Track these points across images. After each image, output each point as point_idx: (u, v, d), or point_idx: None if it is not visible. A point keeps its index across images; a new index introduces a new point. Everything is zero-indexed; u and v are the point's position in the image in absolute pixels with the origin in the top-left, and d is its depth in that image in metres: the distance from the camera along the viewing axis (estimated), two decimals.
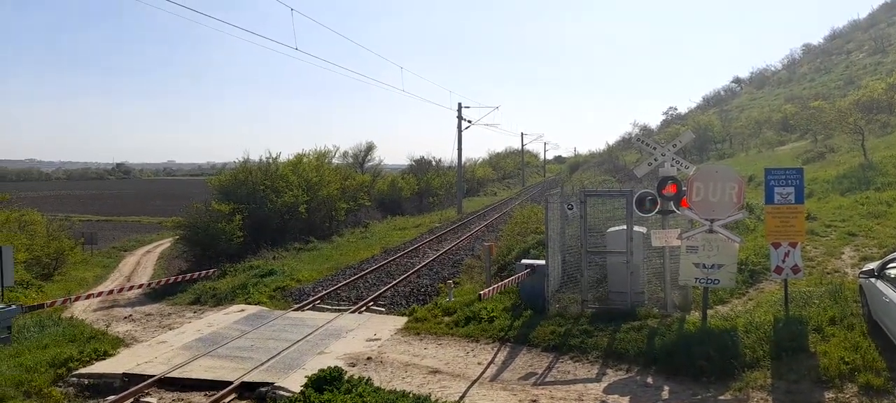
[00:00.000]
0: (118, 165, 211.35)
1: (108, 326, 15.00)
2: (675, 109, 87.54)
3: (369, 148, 57.61)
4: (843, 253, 13.99)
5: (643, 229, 12.78)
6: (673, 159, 12.27)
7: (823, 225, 16.25)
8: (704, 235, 10.31)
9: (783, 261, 10.41)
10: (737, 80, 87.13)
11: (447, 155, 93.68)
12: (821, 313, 10.08)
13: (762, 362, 9.13)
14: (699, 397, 8.65)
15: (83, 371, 10.98)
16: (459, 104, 45.27)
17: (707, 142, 50.59)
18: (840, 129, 29.98)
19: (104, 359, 11.68)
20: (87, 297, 17.83)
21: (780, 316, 10.30)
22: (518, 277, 12.65)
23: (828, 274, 12.61)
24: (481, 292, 11.02)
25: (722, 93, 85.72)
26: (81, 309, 18.69)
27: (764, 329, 9.84)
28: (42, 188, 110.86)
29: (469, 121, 46.06)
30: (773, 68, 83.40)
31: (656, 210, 11.90)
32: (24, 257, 24.08)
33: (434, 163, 62.48)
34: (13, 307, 13.30)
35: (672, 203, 11.72)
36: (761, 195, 12.15)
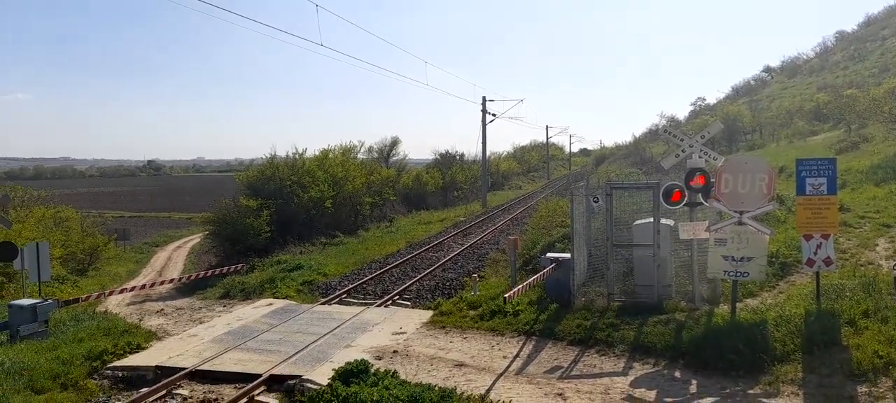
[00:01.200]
0: (149, 162, 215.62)
1: (140, 320, 15.34)
2: (704, 100, 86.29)
3: (394, 142, 57.78)
4: (877, 244, 13.67)
5: (670, 222, 12.63)
6: (701, 150, 12.10)
7: (857, 217, 15.89)
8: (733, 227, 10.15)
9: (815, 253, 10.20)
10: (767, 69, 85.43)
11: (472, 149, 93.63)
12: (854, 306, 9.86)
13: (793, 356, 8.98)
14: (728, 391, 8.54)
15: (117, 363, 11.25)
16: (484, 98, 45.23)
17: (736, 133, 49.72)
18: (874, 118, 29.26)
19: (137, 352, 11.95)
20: (121, 292, 18.29)
21: (811, 309, 10.11)
22: (544, 273, 12.59)
23: (861, 266, 12.34)
24: (506, 295, 10.92)
25: (752, 82, 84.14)
26: (115, 304, 19.15)
27: (795, 322, 9.67)
28: (76, 185, 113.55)
29: (493, 115, 46.00)
30: (804, 56, 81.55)
31: (684, 202, 11.75)
32: (59, 253, 24.74)
33: (458, 157, 62.45)
34: (50, 301, 13.73)
35: (700, 195, 11.57)
36: (792, 186, 11.92)
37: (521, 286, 11.50)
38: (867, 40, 69.91)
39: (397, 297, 16.77)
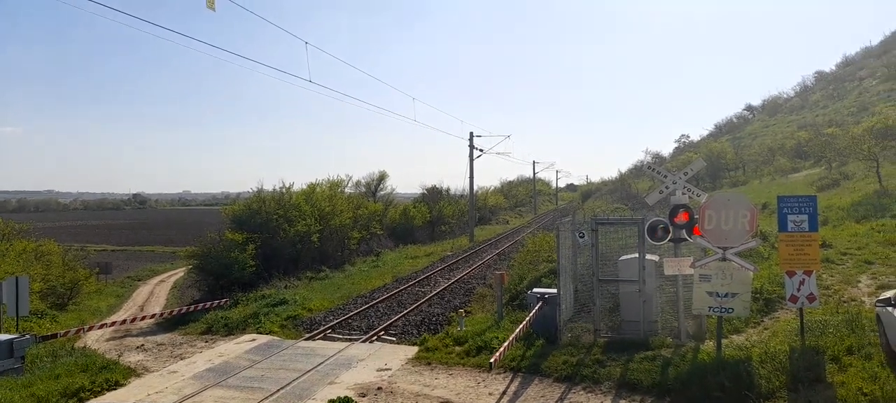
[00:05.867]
0: (134, 195, 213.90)
1: (120, 356, 15.04)
2: (688, 137, 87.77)
3: (381, 177, 57.78)
4: (859, 281, 13.79)
5: (656, 257, 12.69)
6: (685, 187, 12.23)
7: (839, 253, 16.04)
8: (718, 263, 10.21)
9: (798, 290, 10.27)
10: (749, 108, 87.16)
11: (459, 183, 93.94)
12: (838, 342, 9.91)
13: (778, 393, 8.97)
14: None
15: (94, 401, 11.00)
16: (471, 133, 45.52)
17: (720, 170, 50.40)
18: (854, 156, 29.82)
19: (115, 389, 11.70)
20: (101, 327, 17.95)
21: (796, 345, 10.14)
22: (529, 320, 12.43)
23: (844, 302, 12.42)
24: (491, 360, 10.41)
25: (734, 120, 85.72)
26: (94, 339, 18.77)
27: (779, 359, 9.68)
28: (60, 218, 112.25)
29: (481, 150, 46.25)
30: (785, 95, 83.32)
31: (668, 238, 11.82)
32: (39, 287, 24.31)
33: (446, 191, 62.57)
34: (27, 337, 13.44)
35: (684, 231, 11.65)
36: (775, 222, 12.04)
37: (505, 344, 11.21)
38: (845, 80, 71.60)
39: (383, 333, 16.60)
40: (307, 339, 16.04)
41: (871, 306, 11.29)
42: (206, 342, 16.84)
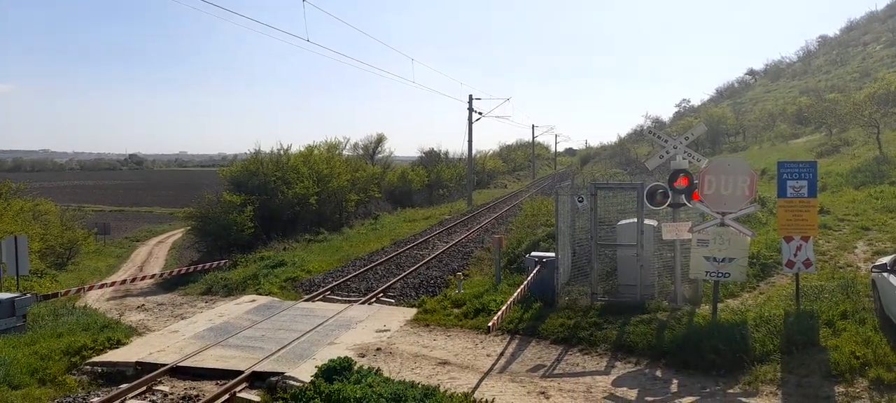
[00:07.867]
0: (131, 156, 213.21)
1: (121, 315, 15.15)
2: (688, 102, 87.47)
3: (379, 139, 57.59)
4: (856, 247, 13.88)
5: (654, 222, 12.73)
6: (685, 152, 12.19)
7: (836, 219, 16.12)
8: (716, 228, 10.25)
9: (795, 255, 10.34)
10: (751, 72, 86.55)
11: (458, 146, 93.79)
12: (832, 307, 10.02)
13: (772, 356, 9.09)
14: (708, 390, 8.62)
15: (97, 359, 11.11)
16: (470, 96, 45.24)
17: (720, 135, 50.27)
18: (855, 123, 29.72)
19: (117, 348, 11.81)
20: (101, 287, 18.09)
21: (791, 310, 10.24)
22: (527, 284, 12.50)
23: (840, 268, 12.52)
24: (489, 324, 10.50)
25: (736, 85, 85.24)
26: (95, 299, 18.90)
27: (774, 323, 9.79)
28: (56, 178, 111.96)
29: (480, 113, 46.00)
30: (788, 60, 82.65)
31: (667, 203, 11.84)
32: (38, 247, 24.39)
33: (444, 154, 62.47)
34: (28, 296, 13.54)
35: (683, 196, 11.66)
36: (774, 188, 12.06)
37: (504, 307, 11.29)
38: (849, 45, 70.97)
39: (381, 295, 16.73)
40: (306, 300, 16.17)
41: (867, 272, 11.38)
42: (207, 302, 16.97)
